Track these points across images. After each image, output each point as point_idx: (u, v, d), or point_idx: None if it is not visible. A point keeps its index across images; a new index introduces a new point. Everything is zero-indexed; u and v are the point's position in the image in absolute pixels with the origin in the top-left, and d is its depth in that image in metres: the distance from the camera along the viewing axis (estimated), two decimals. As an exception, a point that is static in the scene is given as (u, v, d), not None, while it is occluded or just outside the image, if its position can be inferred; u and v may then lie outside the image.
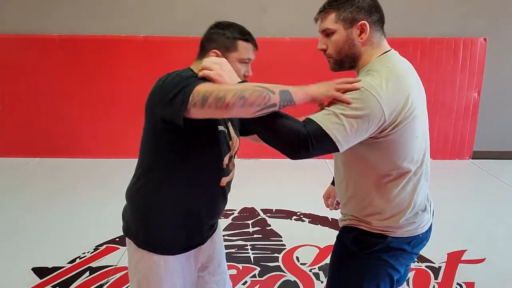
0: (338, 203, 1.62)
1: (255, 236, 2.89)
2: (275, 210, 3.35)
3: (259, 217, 3.22)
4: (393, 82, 1.10)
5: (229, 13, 4.67)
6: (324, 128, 1.05)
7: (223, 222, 3.10)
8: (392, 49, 1.25)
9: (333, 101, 1.09)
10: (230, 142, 1.34)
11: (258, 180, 4.12)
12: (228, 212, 3.28)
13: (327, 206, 1.63)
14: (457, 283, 2.33)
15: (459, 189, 3.95)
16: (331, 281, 1.36)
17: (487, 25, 4.66)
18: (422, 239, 1.28)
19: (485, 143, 4.94)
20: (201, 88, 1.05)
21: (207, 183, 1.28)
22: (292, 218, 3.20)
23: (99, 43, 4.56)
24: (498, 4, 4.64)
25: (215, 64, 1.14)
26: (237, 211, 3.32)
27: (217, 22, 1.28)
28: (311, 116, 1.09)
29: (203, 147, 1.23)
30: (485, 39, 4.64)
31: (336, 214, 3.07)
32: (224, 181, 1.33)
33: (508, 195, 3.82)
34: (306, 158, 1.08)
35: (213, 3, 4.65)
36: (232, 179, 1.40)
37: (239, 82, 1.13)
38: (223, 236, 2.87)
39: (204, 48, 1.27)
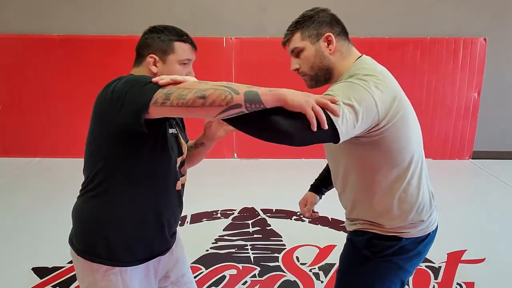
0: (313, 212, 1.60)
1: (255, 236, 2.89)
2: (275, 210, 3.35)
3: (259, 217, 3.22)
4: (378, 78, 1.10)
5: (229, 13, 4.69)
6: (332, 118, 0.99)
7: (223, 222, 3.10)
8: (363, 55, 1.25)
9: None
10: (182, 146, 1.32)
11: (258, 180, 4.12)
12: (228, 212, 3.28)
13: (303, 213, 1.61)
14: (457, 283, 2.33)
15: (459, 189, 3.95)
16: (340, 283, 1.35)
17: (487, 25, 4.66)
18: (433, 237, 1.30)
19: (485, 143, 4.94)
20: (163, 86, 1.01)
21: (163, 188, 1.24)
22: (292, 218, 3.20)
23: (99, 43, 4.57)
24: (498, 4, 4.64)
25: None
26: (237, 211, 3.32)
27: (151, 27, 1.25)
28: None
29: (157, 151, 1.18)
30: (485, 39, 4.64)
31: (336, 214, 3.09)
32: (179, 184, 1.30)
33: (508, 195, 3.82)
34: (304, 144, 1.02)
35: (213, 3, 4.66)
36: (185, 182, 1.36)
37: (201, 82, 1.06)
38: (223, 236, 2.90)
39: (140, 55, 1.24)
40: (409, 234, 1.23)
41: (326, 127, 0.95)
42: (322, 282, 2.32)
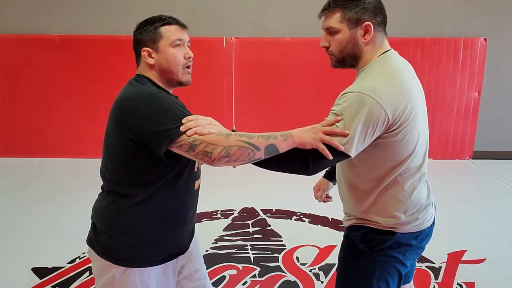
0: (327, 196, 1.64)
1: (255, 236, 2.89)
2: (275, 210, 3.35)
3: (259, 217, 3.22)
4: (392, 82, 1.12)
5: (229, 13, 4.68)
6: (348, 153, 1.08)
7: (223, 222, 3.10)
8: (392, 49, 1.26)
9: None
10: None
11: (258, 180, 4.11)
12: (228, 212, 3.28)
13: (316, 198, 1.64)
14: (457, 283, 2.33)
15: (459, 189, 3.94)
16: (340, 279, 1.37)
17: (487, 25, 4.66)
18: (428, 233, 1.31)
19: (485, 143, 4.94)
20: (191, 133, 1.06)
21: (185, 191, 1.26)
22: (292, 218, 3.20)
23: (99, 43, 4.56)
24: (498, 4, 4.64)
25: (199, 123, 1.09)
26: (237, 211, 3.32)
27: (137, 24, 1.26)
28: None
29: (180, 156, 1.18)
30: (485, 39, 4.64)
31: (336, 214, 3.09)
32: (197, 183, 1.33)
33: (508, 195, 3.81)
34: (321, 170, 1.16)
35: (213, 3, 4.65)
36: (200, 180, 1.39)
37: (225, 133, 1.09)
38: (223, 236, 2.90)
39: (137, 53, 1.26)
40: (404, 229, 1.25)
41: (342, 148, 1.06)
42: (322, 282, 2.32)
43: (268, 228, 3.03)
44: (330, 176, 1.60)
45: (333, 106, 1.14)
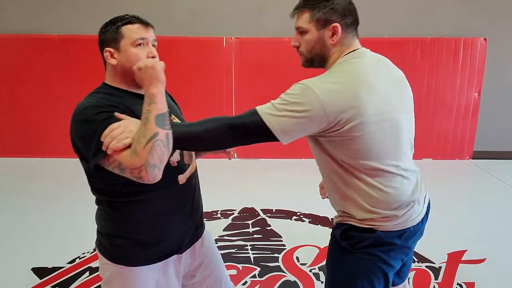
0: None
1: (255, 236, 2.89)
2: (275, 210, 3.35)
3: (259, 217, 3.22)
4: (342, 83, 1.11)
5: (229, 13, 4.68)
6: (264, 120, 1.09)
7: (223, 222, 3.10)
8: (361, 48, 1.24)
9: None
10: None
11: (258, 180, 4.12)
12: (228, 212, 3.28)
13: (321, 194, 1.64)
14: (457, 283, 2.33)
15: (459, 189, 3.95)
16: (327, 277, 1.37)
17: (487, 25, 4.66)
18: (414, 232, 1.26)
19: (485, 143, 4.94)
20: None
21: (164, 187, 1.20)
22: (292, 218, 3.20)
23: (99, 43, 4.56)
24: (498, 4, 4.64)
25: (116, 131, 1.06)
26: (237, 211, 3.32)
27: (102, 25, 1.23)
28: (256, 108, 1.13)
29: None
30: (485, 39, 4.64)
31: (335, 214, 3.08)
32: (182, 178, 1.27)
33: (508, 195, 3.81)
34: (244, 144, 1.17)
35: (213, 3, 4.65)
36: (193, 172, 1.33)
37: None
38: (223, 236, 2.90)
39: (102, 55, 1.22)
40: (385, 228, 1.21)
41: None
42: (322, 282, 2.32)
43: (268, 228, 3.02)
44: None
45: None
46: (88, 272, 2.39)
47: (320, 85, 1.10)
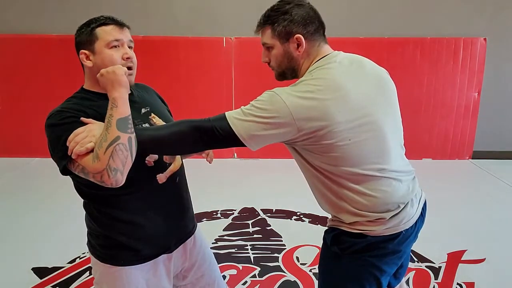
0: None
1: (255, 236, 2.89)
2: (275, 210, 3.35)
3: (259, 217, 3.22)
4: (311, 91, 1.09)
5: (228, 13, 4.68)
6: (230, 124, 1.09)
7: (223, 222, 3.10)
8: (332, 52, 1.22)
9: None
10: None
11: (258, 180, 4.12)
12: (228, 212, 3.28)
13: None
14: (457, 283, 2.33)
15: (459, 189, 3.94)
16: (319, 282, 1.36)
17: (487, 25, 4.66)
18: (407, 235, 1.23)
19: (485, 143, 4.94)
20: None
21: (141, 188, 1.21)
22: (292, 218, 3.20)
23: (99, 43, 4.56)
24: (498, 4, 4.64)
25: (78, 137, 1.07)
26: (237, 211, 3.32)
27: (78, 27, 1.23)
28: (226, 112, 1.13)
29: None
30: (485, 39, 4.64)
31: (336, 214, 3.08)
32: (162, 177, 1.26)
33: (508, 195, 3.81)
34: (213, 148, 1.20)
35: (213, 3, 4.65)
36: (176, 170, 1.31)
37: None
38: (223, 236, 2.90)
39: (79, 57, 1.22)
40: (375, 232, 1.18)
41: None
42: (322, 282, 2.32)
43: (268, 228, 3.03)
44: None
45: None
46: (88, 272, 2.39)
47: (289, 92, 1.09)
